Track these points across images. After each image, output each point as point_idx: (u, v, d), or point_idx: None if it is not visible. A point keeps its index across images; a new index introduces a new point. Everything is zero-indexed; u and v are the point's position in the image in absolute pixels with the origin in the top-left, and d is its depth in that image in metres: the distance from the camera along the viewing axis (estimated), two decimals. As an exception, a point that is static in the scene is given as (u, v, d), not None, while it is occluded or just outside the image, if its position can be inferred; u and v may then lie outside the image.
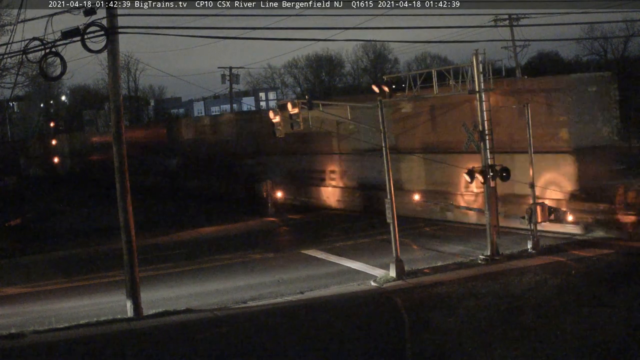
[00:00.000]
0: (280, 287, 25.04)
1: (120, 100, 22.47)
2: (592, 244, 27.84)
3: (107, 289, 26.40)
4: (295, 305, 22.48)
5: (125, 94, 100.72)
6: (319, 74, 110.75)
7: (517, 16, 53.74)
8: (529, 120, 28.38)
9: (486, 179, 26.68)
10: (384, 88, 27.49)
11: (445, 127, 35.85)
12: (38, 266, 32.59)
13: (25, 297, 26.34)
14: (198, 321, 21.04)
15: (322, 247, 32.03)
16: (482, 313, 19.88)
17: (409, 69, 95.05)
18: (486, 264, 25.94)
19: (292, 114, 27.57)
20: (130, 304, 21.96)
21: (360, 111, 33.08)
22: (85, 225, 44.42)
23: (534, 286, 22.33)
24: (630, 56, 76.91)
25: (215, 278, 27.48)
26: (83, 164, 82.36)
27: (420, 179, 37.68)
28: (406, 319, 19.98)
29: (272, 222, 41.37)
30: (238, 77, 74.05)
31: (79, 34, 20.46)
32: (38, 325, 20.88)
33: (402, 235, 28.09)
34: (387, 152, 25.64)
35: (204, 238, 37.86)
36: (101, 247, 36.06)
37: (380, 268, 26.21)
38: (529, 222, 27.49)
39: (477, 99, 27.19)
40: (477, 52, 26.76)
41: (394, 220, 25.27)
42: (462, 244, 30.21)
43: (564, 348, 16.65)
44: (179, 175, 60.49)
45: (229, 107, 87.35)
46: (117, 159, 22.23)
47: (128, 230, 22.23)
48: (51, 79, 28.26)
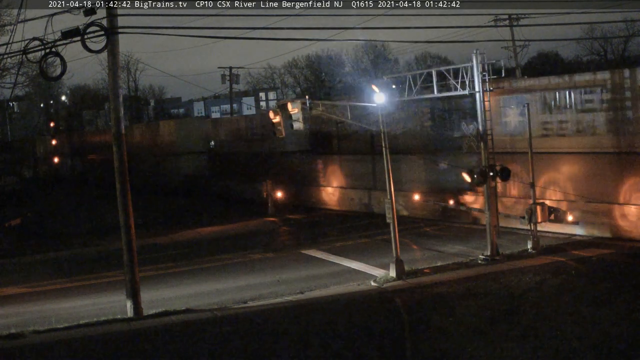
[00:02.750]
0: (280, 287, 25.04)
1: (120, 100, 22.46)
2: (592, 244, 27.85)
3: (107, 289, 26.39)
4: (295, 305, 22.48)
5: (125, 94, 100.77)
6: (319, 74, 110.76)
7: (517, 16, 53.76)
8: (529, 120, 28.41)
9: (486, 179, 26.66)
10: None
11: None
12: (38, 266, 32.57)
13: (25, 297, 26.33)
14: (198, 321, 21.03)
15: (322, 247, 32.03)
16: (482, 313, 19.89)
17: (409, 69, 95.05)
18: (486, 264, 25.94)
19: (292, 114, 27.54)
20: (130, 304, 21.96)
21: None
22: (85, 225, 44.40)
23: (534, 286, 22.33)
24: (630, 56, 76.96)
25: (215, 278, 27.48)
26: (83, 163, 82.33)
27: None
28: (406, 319, 19.99)
29: (272, 222, 41.37)
30: (238, 77, 74.08)
31: (79, 34, 20.45)
32: (38, 325, 20.86)
33: (402, 235, 28.10)
34: (387, 152, 25.63)
35: (204, 238, 37.86)
36: (101, 247, 36.07)
37: (380, 268, 26.21)
38: (529, 222, 27.51)
39: (477, 99, 27.20)
40: (477, 52, 26.75)
41: (394, 220, 25.26)
42: (462, 244, 30.21)
43: (564, 348, 16.66)
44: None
45: (229, 107, 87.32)
46: (117, 159, 22.22)
47: (128, 230, 22.22)
48: (51, 79, 28.26)
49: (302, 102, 26.40)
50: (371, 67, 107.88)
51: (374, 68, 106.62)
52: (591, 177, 29.44)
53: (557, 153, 30.60)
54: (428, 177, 37.34)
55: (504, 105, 32.56)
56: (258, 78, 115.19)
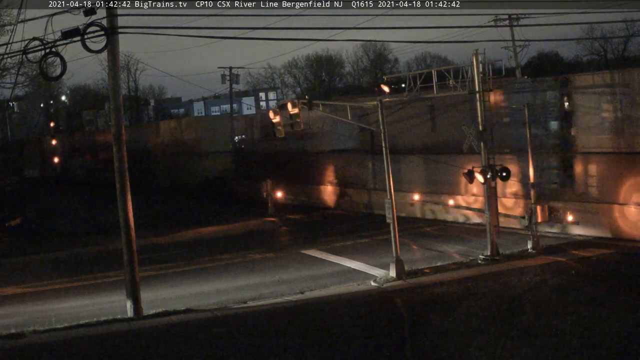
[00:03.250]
0: (280, 287, 25.04)
1: (120, 100, 22.45)
2: (592, 244, 27.86)
3: (107, 289, 26.39)
4: (295, 305, 22.48)
5: (125, 94, 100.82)
6: (319, 74, 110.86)
7: (517, 16, 53.70)
8: (527, 120, 28.40)
9: (486, 179, 26.67)
10: (383, 87, 27.69)
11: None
12: (38, 266, 32.58)
13: (25, 297, 26.33)
14: (198, 321, 21.03)
15: (322, 247, 32.03)
16: (482, 313, 19.88)
17: (409, 69, 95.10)
18: (486, 264, 25.94)
19: (292, 114, 27.56)
20: (130, 304, 21.95)
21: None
22: (85, 225, 44.41)
23: (534, 286, 22.32)
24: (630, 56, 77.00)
25: (215, 278, 27.48)
26: (83, 163, 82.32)
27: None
28: (406, 319, 19.98)
29: (272, 222, 41.38)
30: (238, 77, 73.95)
31: (79, 34, 20.44)
32: (38, 325, 20.85)
33: (402, 235, 28.10)
34: (387, 152, 25.64)
35: (204, 238, 37.87)
36: (101, 247, 36.06)
37: (380, 268, 26.21)
38: (529, 222, 27.51)
39: (477, 99, 27.19)
40: (477, 52, 26.75)
41: (394, 220, 25.27)
42: (462, 244, 30.22)
43: (564, 348, 16.65)
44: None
45: (229, 107, 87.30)
46: (117, 159, 22.21)
47: (128, 230, 22.21)
48: (51, 79, 28.31)
49: (302, 102, 26.44)
50: (371, 67, 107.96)
51: (374, 68, 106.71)
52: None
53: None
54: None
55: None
56: (258, 78, 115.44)
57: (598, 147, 29.60)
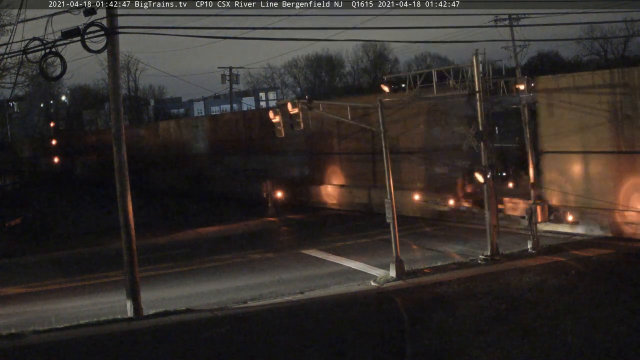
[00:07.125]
0: (281, 287, 25.04)
1: (120, 100, 22.45)
2: (592, 244, 27.85)
3: (107, 289, 26.39)
4: (295, 305, 22.48)
5: (125, 94, 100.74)
6: (319, 74, 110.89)
7: (517, 16, 53.69)
8: (526, 120, 28.40)
9: (486, 179, 26.67)
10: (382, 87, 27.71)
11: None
12: (38, 266, 32.59)
13: (25, 297, 26.34)
14: (198, 321, 21.03)
15: (322, 247, 32.02)
16: (482, 313, 19.87)
17: (409, 69, 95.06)
18: (486, 264, 25.93)
19: (292, 114, 27.53)
20: (130, 304, 21.95)
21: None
22: (85, 225, 44.40)
23: (534, 286, 22.32)
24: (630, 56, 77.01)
25: (215, 278, 27.48)
26: (83, 163, 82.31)
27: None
28: (406, 319, 19.97)
29: (272, 222, 41.37)
30: (238, 77, 74.09)
31: (79, 34, 20.44)
32: (38, 325, 20.85)
33: (402, 235, 28.09)
34: (387, 152, 25.63)
35: (204, 238, 37.87)
36: (101, 247, 36.06)
37: (380, 268, 26.21)
38: (528, 222, 27.50)
39: (477, 99, 27.19)
40: (477, 52, 26.75)
41: (394, 220, 25.26)
42: (462, 244, 30.21)
43: (564, 348, 16.64)
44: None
45: (229, 107, 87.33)
46: (117, 159, 22.20)
47: (128, 230, 22.21)
48: (51, 79, 28.28)
49: (302, 102, 26.44)
50: (371, 67, 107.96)
51: (374, 68, 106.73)
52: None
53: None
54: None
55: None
56: (258, 78, 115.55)
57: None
